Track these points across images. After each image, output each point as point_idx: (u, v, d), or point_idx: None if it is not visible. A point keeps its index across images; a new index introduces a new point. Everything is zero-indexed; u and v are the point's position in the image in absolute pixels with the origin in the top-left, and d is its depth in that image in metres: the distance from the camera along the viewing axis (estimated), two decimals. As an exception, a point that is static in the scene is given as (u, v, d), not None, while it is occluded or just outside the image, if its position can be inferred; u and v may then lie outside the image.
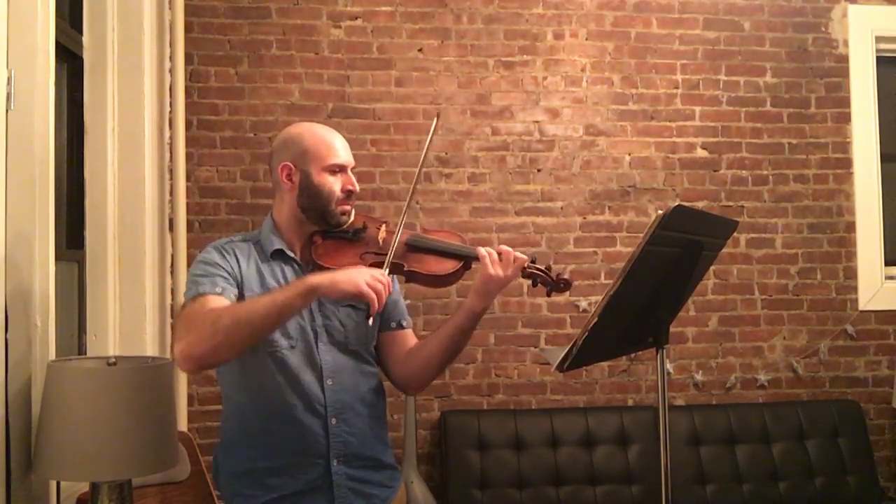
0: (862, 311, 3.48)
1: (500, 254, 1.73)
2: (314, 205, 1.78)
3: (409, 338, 1.90)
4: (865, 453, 3.27)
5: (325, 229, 1.81)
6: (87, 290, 2.70)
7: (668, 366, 3.36)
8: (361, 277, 1.59)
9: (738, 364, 3.44)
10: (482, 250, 1.74)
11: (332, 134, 1.83)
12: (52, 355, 2.01)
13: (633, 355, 3.31)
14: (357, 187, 1.82)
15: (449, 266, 1.79)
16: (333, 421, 1.74)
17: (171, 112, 3.02)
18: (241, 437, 1.76)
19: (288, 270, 1.79)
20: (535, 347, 3.34)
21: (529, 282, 1.80)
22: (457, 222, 3.28)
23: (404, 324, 1.90)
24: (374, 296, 1.58)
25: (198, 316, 1.60)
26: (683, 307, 1.95)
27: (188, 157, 3.12)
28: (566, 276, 1.81)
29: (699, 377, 3.41)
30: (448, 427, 3.15)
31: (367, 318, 1.64)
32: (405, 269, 1.77)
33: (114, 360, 1.89)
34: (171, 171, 3.02)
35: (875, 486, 3.25)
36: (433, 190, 3.32)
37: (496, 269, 1.71)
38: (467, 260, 1.80)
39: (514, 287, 3.18)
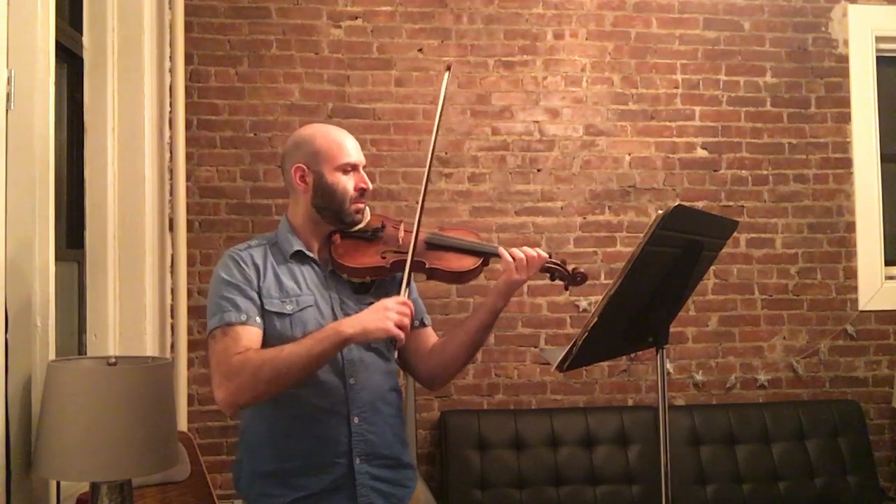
0: (862, 311, 3.48)
1: (526, 259, 1.77)
2: (329, 205, 1.80)
3: (430, 335, 1.94)
4: (865, 453, 3.26)
5: (341, 229, 1.83)
6: (87, 290, 2.70)
7: (668, 366, 3.36)
8: (389, 318, 1.64)
9: (738, 364, 3.44)
10: (506, 255, 1.77)
11: (342, 134, 1.86)
12: (52, 355, 2.01)
13: (633, 355, 3.31)
14: (370, 185, 1.85)
15: (469, 263, 1.82)
16: (356, 420, 1.75)
17: (171, 112, 3.02)
18: (265, 439, 1.76)
19: (307, 270, 1.81)
20: (535, 347, 3.34)
21: (548, 276, 1.84)
22: (457, 222, 3.28)
23: (426, 321, 1.94)
24: (402, 335, 1.65)
25: (235, 362, 1.64)
26: (683, 307, 1.95)
27: (188, 157, 3.12)
28: (582, 270, 1.84)
29: (699, 377, 3.41)
30: (448, 427, 3.15)
31: (394, 351, 1.77)
32: (426, 266, 1.80)
33: (114, 360, 1.89)
34: (171, 171, 3.02)
35: (875, 486, 3.25)
36: (433, 190, 3.31)
37: (521, 275, 1.77)
38: (486, 256, 1.84)
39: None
